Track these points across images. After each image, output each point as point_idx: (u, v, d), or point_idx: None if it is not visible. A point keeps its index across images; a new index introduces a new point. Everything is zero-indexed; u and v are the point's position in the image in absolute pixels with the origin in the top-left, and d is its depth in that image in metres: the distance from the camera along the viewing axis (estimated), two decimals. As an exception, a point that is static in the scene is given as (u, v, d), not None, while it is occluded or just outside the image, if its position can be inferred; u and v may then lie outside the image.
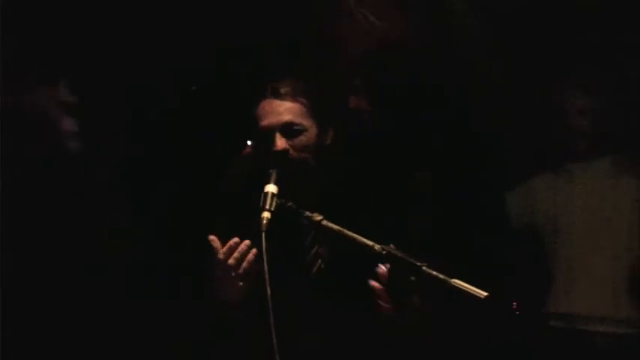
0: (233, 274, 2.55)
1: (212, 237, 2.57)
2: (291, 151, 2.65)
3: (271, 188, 2.51)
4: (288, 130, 2.66)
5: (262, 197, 2.49)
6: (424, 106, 3.39)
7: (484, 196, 3.53)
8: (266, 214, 2.46)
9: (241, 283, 2.56)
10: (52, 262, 3.39)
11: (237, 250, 2.54)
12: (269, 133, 2.66)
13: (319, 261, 2.66)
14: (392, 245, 2.37)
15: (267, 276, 2.37)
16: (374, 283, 2.43)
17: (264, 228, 2.44)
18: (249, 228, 2.50)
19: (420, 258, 2.34)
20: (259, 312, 2.40)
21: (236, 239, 2.53)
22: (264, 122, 2.67)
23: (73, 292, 3.37)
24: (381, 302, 2.44)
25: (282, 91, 2.68)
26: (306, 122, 2.68)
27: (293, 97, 2.68)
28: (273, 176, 2.53)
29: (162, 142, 3.49)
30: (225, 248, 2.54)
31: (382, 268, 2.41)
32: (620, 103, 3.61)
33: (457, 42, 3.45)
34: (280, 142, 2.64)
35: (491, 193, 3.59)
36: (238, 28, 3.43)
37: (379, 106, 3.30)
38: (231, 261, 2.54)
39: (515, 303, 3.52)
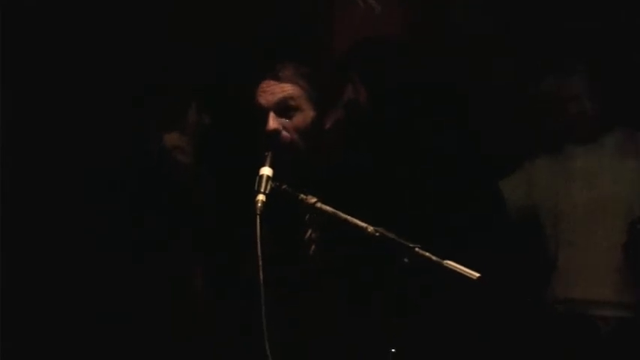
0: None
1: None
2: (283, 133, 2.64)
3: (266, 171, 2.48)
4: (283, 107, 2.66)
5: (257, 180, 2.47)
6: (422, 94, 3.38)
7: (481, 181, 3.50)
8: (261, 197, 2.43)
9: None
10: (52, 262, 3.39)
11: None
12: (264, 112, 2.65)
13: (314, 245, 2.63)
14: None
15: (260, 261, 2.36)
16: None
17: (258, 211, 2.41)
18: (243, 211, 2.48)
19: (413, 240, 2.32)
20: (253, 297, 2.38)
21: None
22: (260, 100, 2.68)
23: (73, 293, 3.36)
24: None
25: (281, 74, 2.68)
26: (302, 103, 2.67)
27: (292, 79, 2.68)
28: (269, 159, 2.51)
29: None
30: None
31: None
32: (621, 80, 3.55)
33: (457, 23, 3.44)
34: (273, 123, 2.64)
35: (488, 178, 3.55)
36: (234, 15, 3.44)
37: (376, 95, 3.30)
38: None
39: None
